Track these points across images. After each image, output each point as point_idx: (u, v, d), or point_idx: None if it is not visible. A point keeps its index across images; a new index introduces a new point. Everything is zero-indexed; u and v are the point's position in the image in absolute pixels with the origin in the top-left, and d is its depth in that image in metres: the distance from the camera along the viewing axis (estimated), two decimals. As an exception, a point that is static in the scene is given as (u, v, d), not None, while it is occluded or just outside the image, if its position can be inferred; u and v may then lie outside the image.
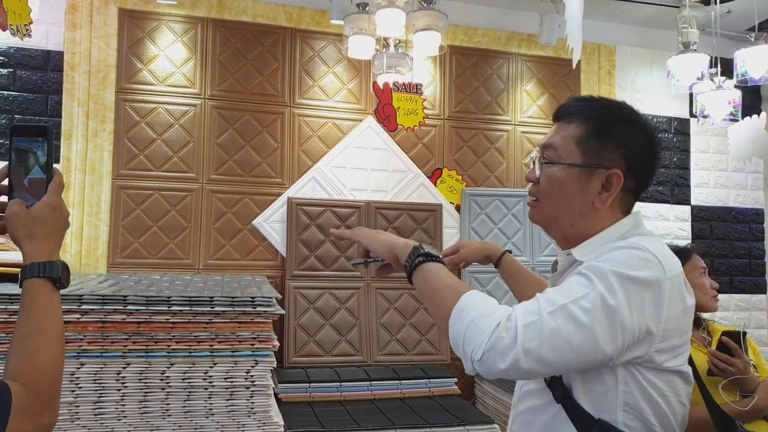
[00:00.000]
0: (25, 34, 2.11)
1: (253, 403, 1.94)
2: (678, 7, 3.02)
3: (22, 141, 1.05)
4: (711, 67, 2.86)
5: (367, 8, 2.59)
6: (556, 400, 1.02)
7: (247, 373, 1.95)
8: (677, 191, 3.54)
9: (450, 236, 3.09)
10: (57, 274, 1.00)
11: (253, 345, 1.97)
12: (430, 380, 2.65)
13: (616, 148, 1.08)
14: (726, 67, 2.96)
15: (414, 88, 2.70)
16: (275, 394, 2.33)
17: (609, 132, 1.08)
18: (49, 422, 0.92)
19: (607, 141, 1.08)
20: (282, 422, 1.99)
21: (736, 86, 2.85)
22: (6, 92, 2.65)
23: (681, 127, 3.57)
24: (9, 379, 0.89)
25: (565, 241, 1.13)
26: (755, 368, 1.71)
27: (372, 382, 2.57)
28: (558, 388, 1.02)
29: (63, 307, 1.96)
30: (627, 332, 0.93)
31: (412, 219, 3.02)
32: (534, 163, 1.14)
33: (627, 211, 1.11)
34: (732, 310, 3.57)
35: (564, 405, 1.01)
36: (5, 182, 1.05)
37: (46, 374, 0.93)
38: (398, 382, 2.61)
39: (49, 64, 2.70)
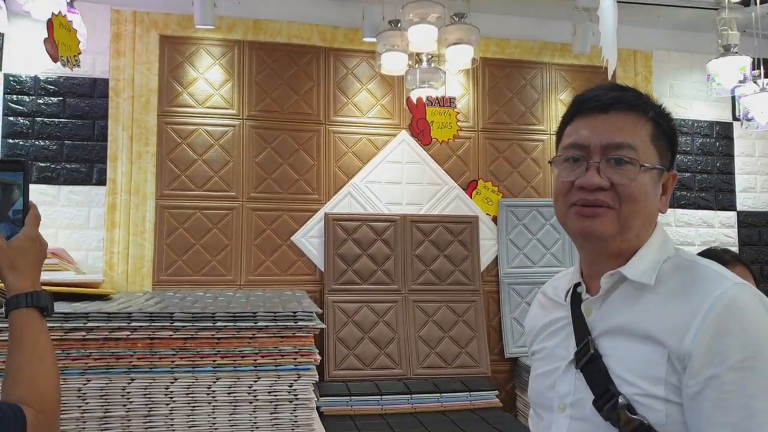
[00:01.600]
0: (74, 65, 2.22)
1: (296, 416, 1.97)
2: (716, 9, 2.97)
3: (2, 174, 1.08)
4: (753, 69, 2.80)
5: (399, 25, 2.63)
6: None
7: (290, 386, 1.98)
8: (721, 197, 3.45)
9: (487, 248, 3.08)
10: (44, 304, 1.04)
11: (295, 359, 1.99)
12: (471, 393, 2.63)
13: (672, 147, 1.00)
14: (769, 69, 2.88)
15: (447, 102, 2.72)
16: (317, 408, 2.35)
17: (672, 130, 0.99)
18: None
19: (670, 140, 0.99)
20: (325, 435, 2.01)
21: (780, 88, 2.78)
22: (57, 119, 2.77)
23: (724, 131, 3.49)
24: (21, 404, 0.96)
25: (613, 258, 0.97)
26: None
27: (412, 396, 2.57)
28: None
29: (114, 324, 2.03)
30: None
31: (448, 231, 3.02)
32: (592, 166, 0.95)
33: None
34: (784, 319, 3.44)
35: None
36: None
37: (49, 398, 0.99)
38: (439, 395, 2.60)
39: (96, 91, 2.82)
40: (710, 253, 1.85)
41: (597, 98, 0.98)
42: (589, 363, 0.94)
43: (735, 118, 3.41)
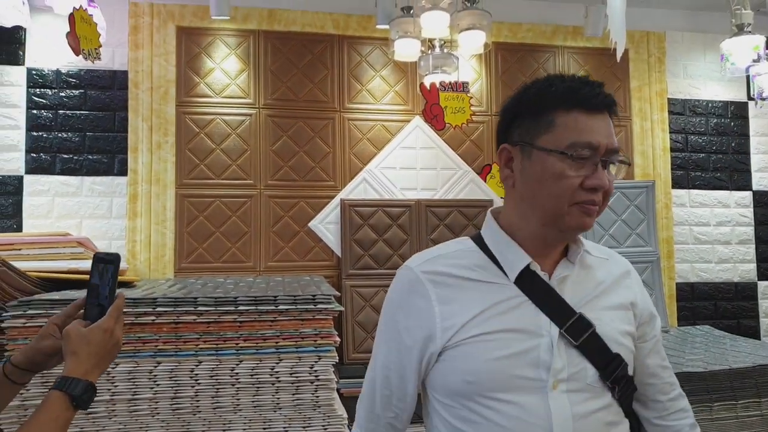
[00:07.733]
0: (95, 57, 2.27)
1: (317, 397, 2.03)
2: (730, -12, 2.94)
3: (99, 265, 1.18)
4: (767, 48, 2.78)
5: (412, 11, 2.64)
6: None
7: (311, 368, 2.03)
8: (737, 177, 3.44)
9: (502, 231, 3.10)
10: (76, 393, 1.04)
11: (315, 341, 2.05)
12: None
13: None
14: (784, 48, 2.86)
15: (460, 87, 2.74)
16: (337, 389, 2.41)
17: None
18: None
19: None
20: (346, 415, 2.07)
21: (794, 66, 2.76)
22: (78, 112, 2.84)
23: (738, 111, 3.47)
24: None
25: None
26: None
27: (430, 377, 2.62)
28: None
29: (140, 310, 2.11)
30: None
31: (462, 215, 3.05)
32: (604, 167, 0.96)
33: None
34: (799, 299, 3.44)
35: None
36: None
37: None
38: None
39: (116, 83, 2.88)
40: None
41: (599, 95, 0.97)
42: (588, 337, 0.97)
43: (750, 98, 3.39)
